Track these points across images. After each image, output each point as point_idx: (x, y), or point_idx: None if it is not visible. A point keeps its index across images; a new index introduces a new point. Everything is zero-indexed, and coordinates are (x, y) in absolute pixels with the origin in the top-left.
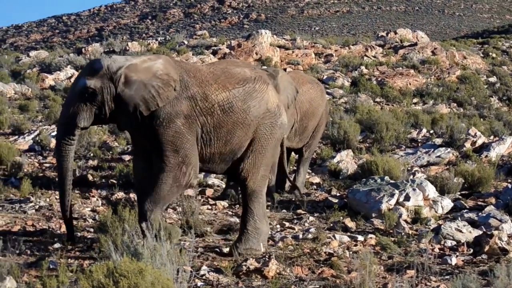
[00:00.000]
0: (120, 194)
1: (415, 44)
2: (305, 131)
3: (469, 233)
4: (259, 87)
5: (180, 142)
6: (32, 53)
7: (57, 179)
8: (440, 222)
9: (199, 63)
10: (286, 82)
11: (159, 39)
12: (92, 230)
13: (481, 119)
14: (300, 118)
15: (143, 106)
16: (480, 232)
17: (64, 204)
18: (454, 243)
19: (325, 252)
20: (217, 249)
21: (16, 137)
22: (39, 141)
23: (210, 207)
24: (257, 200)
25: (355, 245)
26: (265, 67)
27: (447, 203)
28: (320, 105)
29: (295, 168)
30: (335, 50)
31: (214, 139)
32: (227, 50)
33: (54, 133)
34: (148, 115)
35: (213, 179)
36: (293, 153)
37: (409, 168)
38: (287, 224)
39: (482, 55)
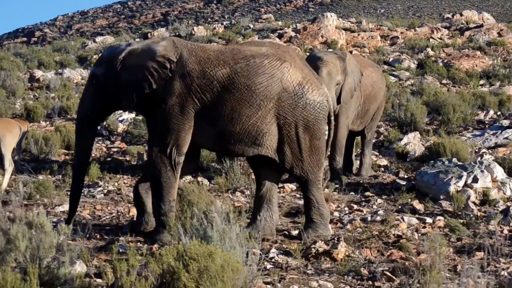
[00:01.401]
0: (188, 178)
1: (481, 25)
2: (367, 114)
3: None
4: (268, 63)
5: (167, 124)
6: (98, 39)
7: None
8: (509, 203)
9: None
10: (353, 65)
11: (224, 23)
12: None
13: None
14: (363, 101)
15: (138, 88)
16: None
17: (75, 187)
18: None
19: (393, 234)
20: (286, 232)
21: None
22: (106, 126)
23: (278, 190)
24: (314, 187)
25: (424, 227)
26: (331, 50)
27: None
28: (381, 89)
29: (359, 151)
30: (401, 33)
31: (218, 117)
32: (293, 34)
33: (121, 118)
34: (144, 97)
35: None
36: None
37: (476, 150)
38: (355, 206)
39: None
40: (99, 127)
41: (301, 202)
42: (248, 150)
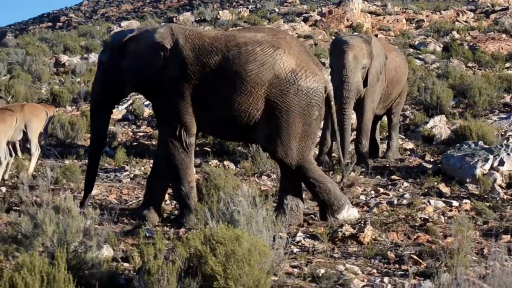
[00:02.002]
0: (214, 162)
1: (507, 8)
2: (389, 98)
3: None
4: (260, 51)
5: (170, 109)
6: (124, 23)
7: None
8: None
9: (290, 31)
10: (378, 48)
11: (249, 7)
12: None
13: None
14: (386, 85)
15: (136, 74)
16: None
17: (90, 170)
18: None
19: (420, 218)
20: (312, 216)
21: None
22: (132, 110)
23: None
24: (308, 170)
25: (450, 211)
26: (356, 33)
27: None
28: (404, 73)
29: (385, 134)
30: (426, 16)
31: (212, 103)
32: (318, 17)
33: (147, 102)
34: (143, 83)
35: None
36: (382, 120)
37: (502, 133)
38: (381, 190)
39: None
40: (125, 111)
41: None
42: (242, 136)
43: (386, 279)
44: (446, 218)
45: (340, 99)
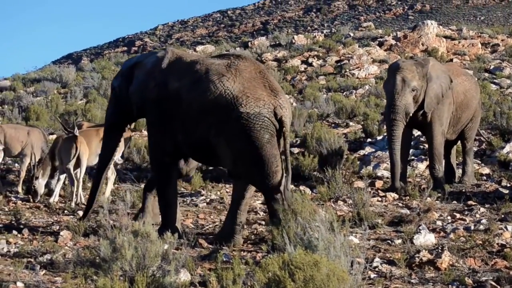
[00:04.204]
0: (291, 187)
1: None
2: (459, 123)
3: None
4: (205, 77)
5: (152, 130)
6: (199, 48)
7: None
8: None
9: (365, 56)
10: (439, 71)
11: (324, 31)
12: (263, 222)
13: None
14: (455, 108)
15: (138, 97)
16: None
17: (95, 184)
18: None
19: (497, 244)
20: (389, 241)
21: None
22: None
23: (380, 199)
24: (271, 198)
25: None
26: (431, 57)
27: None
28: (474, 97)
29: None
30: (502, 40)
31: (175, 129)
32: (393, 42)
33: None
34: (143, 105)
35: (382, 171)
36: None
37: None
38: (458, 215)
39: None
40: None
41: (404, 211)
42: (208, 161)
43: None
44: None
45: (388, 122)
